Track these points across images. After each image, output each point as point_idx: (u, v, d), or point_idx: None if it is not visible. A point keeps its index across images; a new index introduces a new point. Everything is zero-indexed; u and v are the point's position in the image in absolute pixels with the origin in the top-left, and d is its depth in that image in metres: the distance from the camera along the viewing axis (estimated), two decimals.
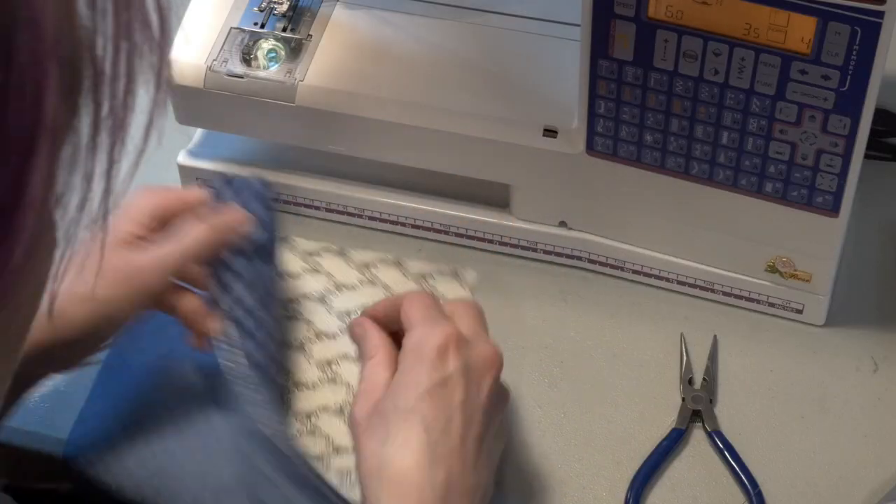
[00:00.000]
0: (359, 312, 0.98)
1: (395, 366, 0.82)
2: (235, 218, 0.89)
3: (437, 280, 1.00)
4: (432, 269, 1.01)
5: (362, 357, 0.85)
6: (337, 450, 0.90)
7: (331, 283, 1.00)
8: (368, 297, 0.98)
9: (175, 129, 1.04)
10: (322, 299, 0.99)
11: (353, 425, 0.81)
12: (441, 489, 0.76)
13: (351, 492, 0.85)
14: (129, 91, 0.44)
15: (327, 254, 1.02)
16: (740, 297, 0.98)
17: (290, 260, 1.01)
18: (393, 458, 0.77)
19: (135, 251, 0.85)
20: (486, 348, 0.82)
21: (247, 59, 0.97)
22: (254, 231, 0.89)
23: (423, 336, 0.81)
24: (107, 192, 0.45)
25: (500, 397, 0.83)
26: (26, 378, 0.83)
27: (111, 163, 0.44)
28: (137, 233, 0.86)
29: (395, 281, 1.00)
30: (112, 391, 0.91)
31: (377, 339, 0.85)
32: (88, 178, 0.44)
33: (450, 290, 0.99)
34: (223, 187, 0.92)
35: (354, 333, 0.87)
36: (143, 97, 0.45)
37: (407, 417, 0.78)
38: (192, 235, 0.86)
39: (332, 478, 0.87)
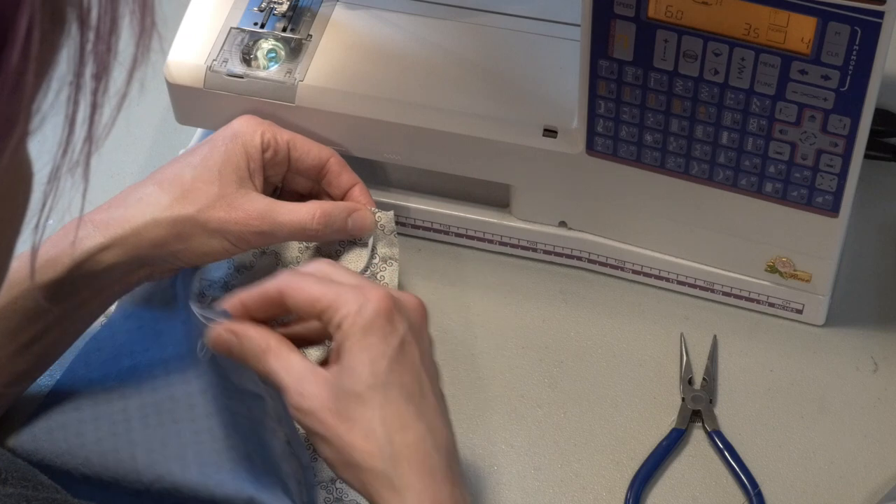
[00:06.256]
0: None
1: (297, 349, 0.78)
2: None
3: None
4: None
5: (251, 357, 0.78)
6: None
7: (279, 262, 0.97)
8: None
9: (175, 129, 1.04)
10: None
11: (313, 415, 0.75)
12: (442, 450, 0.74)
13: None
14: (113, 33, 0.44)
15: None
16: (740, 297, 0.98)
17: None
18: (394, 437, 0.73)
19: (278, 204, 0.89)
20: (411, 299, 0.78)
21: (247, 59, 0.97)
22: None
23: (358, 307, 0.75)
24: (89, 137, 0.45)
25: (432, 342, 0.79)
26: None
27: (94, 107, 0.44)
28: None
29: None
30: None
31: (262, 332, 0.78)
32: (71, 122, 0.44)
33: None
34: None
35: (224, 340, 0.78)
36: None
37: (385, 393, 0.74)
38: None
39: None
